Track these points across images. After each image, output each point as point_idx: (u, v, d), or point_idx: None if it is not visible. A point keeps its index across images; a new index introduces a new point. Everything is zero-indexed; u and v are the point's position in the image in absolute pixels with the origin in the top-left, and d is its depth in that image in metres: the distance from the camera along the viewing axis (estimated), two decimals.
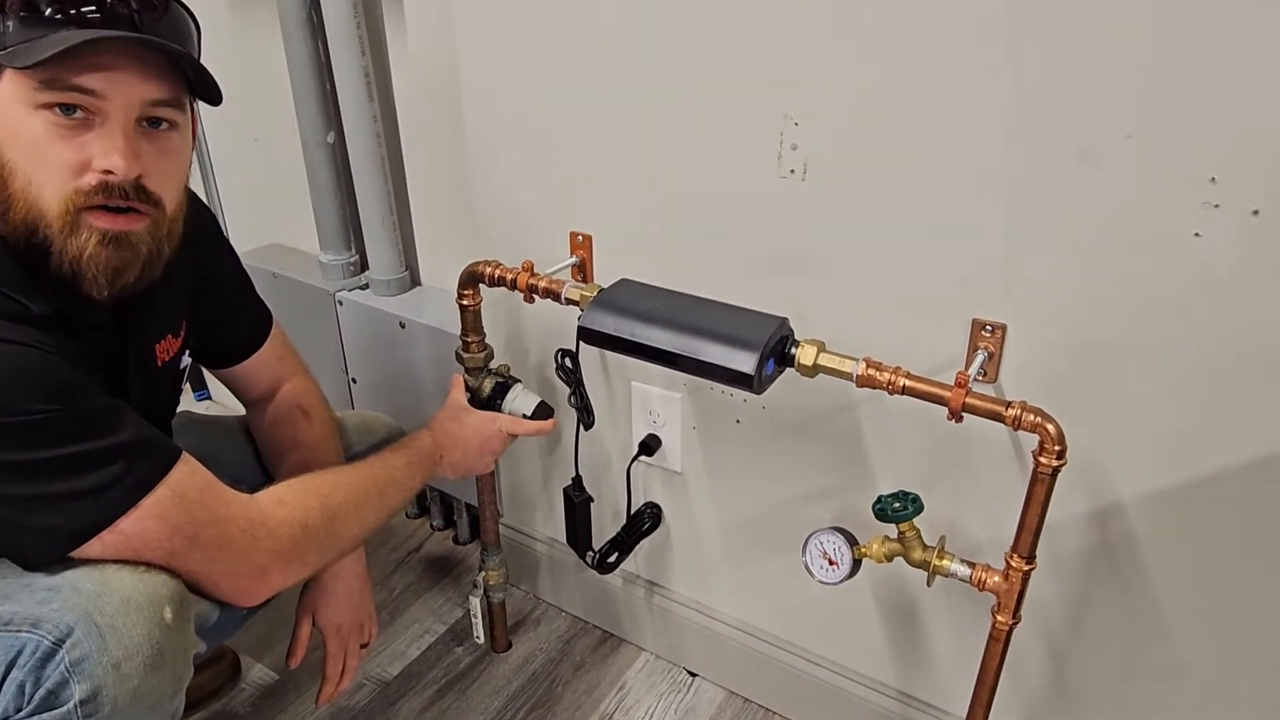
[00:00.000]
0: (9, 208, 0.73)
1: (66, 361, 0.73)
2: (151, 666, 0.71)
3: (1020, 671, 1.01)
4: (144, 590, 0.72)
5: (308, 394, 1.11)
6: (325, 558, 0.88)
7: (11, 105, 0.72)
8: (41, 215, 0.73)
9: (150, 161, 0.76)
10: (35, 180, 0.72)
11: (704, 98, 0.95)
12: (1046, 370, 0.86)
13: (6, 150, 0.73)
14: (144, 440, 0.75)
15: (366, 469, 0.94)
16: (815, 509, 1.09)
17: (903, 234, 0.89)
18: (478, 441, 1.07)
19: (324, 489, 0.88)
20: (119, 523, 0.72)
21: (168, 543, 0.74)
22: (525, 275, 1.04)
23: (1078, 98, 0.76)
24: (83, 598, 0.69)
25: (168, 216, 0.79)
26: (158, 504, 0.73)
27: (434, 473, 1.03)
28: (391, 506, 0.95)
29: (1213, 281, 0.76)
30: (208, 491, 0.78)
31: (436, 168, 1.39)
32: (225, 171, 1.73)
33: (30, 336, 0.71)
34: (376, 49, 1.34)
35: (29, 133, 0.72)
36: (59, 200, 0.73)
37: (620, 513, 1.26)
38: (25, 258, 0.74)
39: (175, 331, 0.96)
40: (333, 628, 1.04)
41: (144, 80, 0.74)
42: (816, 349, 0.86)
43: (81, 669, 0.68)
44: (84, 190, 0.73)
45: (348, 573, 1.05)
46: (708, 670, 1.31)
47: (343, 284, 1.49)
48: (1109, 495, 0.88)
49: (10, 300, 0.73)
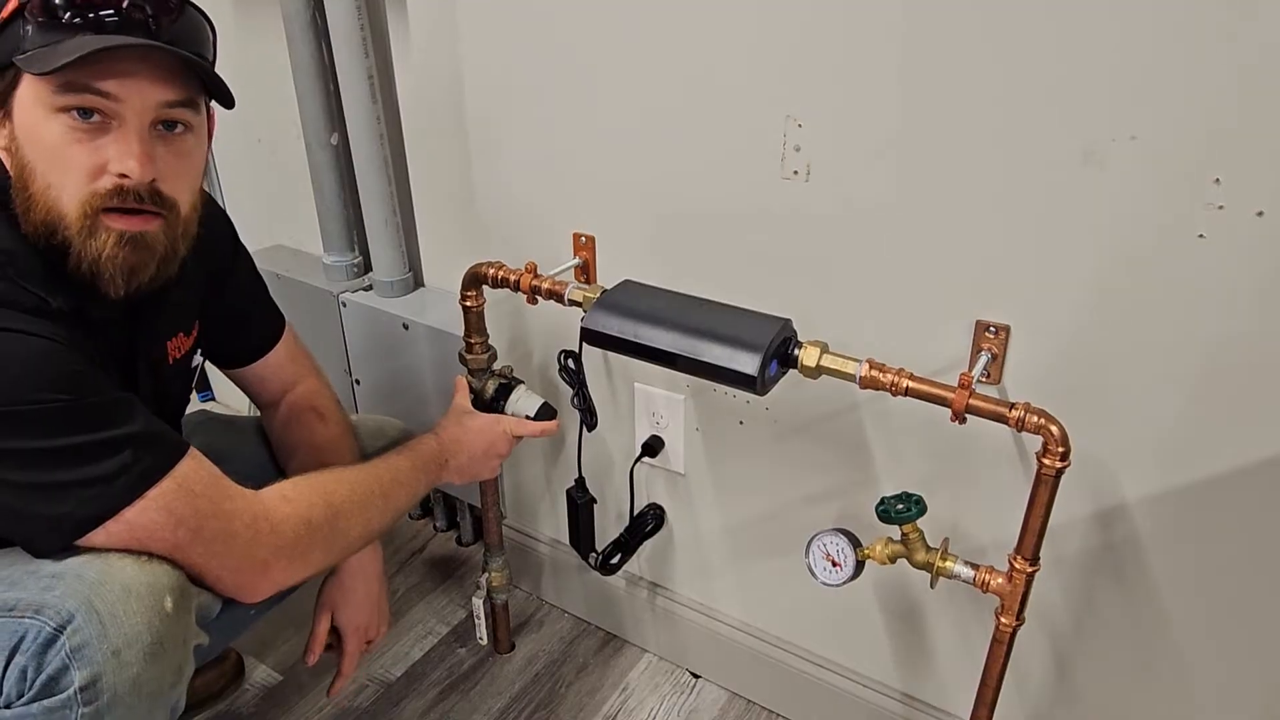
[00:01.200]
0: (30, 208, 0.75)
1: (81, 355, 0.74)
2: (151, 655, 0.71)
3: (1024, 673, 1.01)
4: (145, 579, 0.72)
5: (321, 396, 1.11)
6: (328, 556, 0.88)
7: (31, 108, 0.73)
8: (61, 217, 0.74)
9: (164, 165, 0.77)
10: (54, 183, 0.74)
11: (707, 99, 0.95)
12: (1050, 372, 0.86)
13: (27, 152, 0.74)
14: (152, 433, 0.76)
15: (371, 469, 0.95)
16: (818, 510, 1.09)
17: (906, 235, 0.89)
18: (483, 445, 1.07)
19: (328, 487, 0.88)
20: (124, 512, 0.73)
21: (172, 535, 0.75)
22: (528, 277, 1.04)
23: (1082, 99, 0.76)
24: (85, 585, 0.70)
25: (182, 217, 0.80)
26: (163, 495, 0.74)
27: (440, 477, 1.03)
28: (397, 508, 0.95)
29: (1217, 283, 0.76)
30: (213, 486, 0.78)
31: (439, 169, 1.39)
32: (229, 173, 1.73)
33: (47, 329, 0.72)
34: (380, 51, 1.35)
35: (48, 136, 0.73)
36: (77, 203, 0.74)
37: (623, 514, 1.26)
38: (46, 255, 0.76)
39: (187, 330, 0.97)
40: (352, 627, 1.05)
41: (159, 84, 0.75)
42: (819, 350, 0.86)
43: (81, 655, 0.68)
44: (100, 193, 0.74)
45: (367, 573, 1.06)
46: (711, 672, 1.31)
47: (346, 285, 1.50)
48: (1113, 497, 0.88)
49: (29, 293, 0.74)
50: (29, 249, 0.76)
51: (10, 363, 0.70)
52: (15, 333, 0.71)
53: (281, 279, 1.53)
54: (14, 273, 0.74)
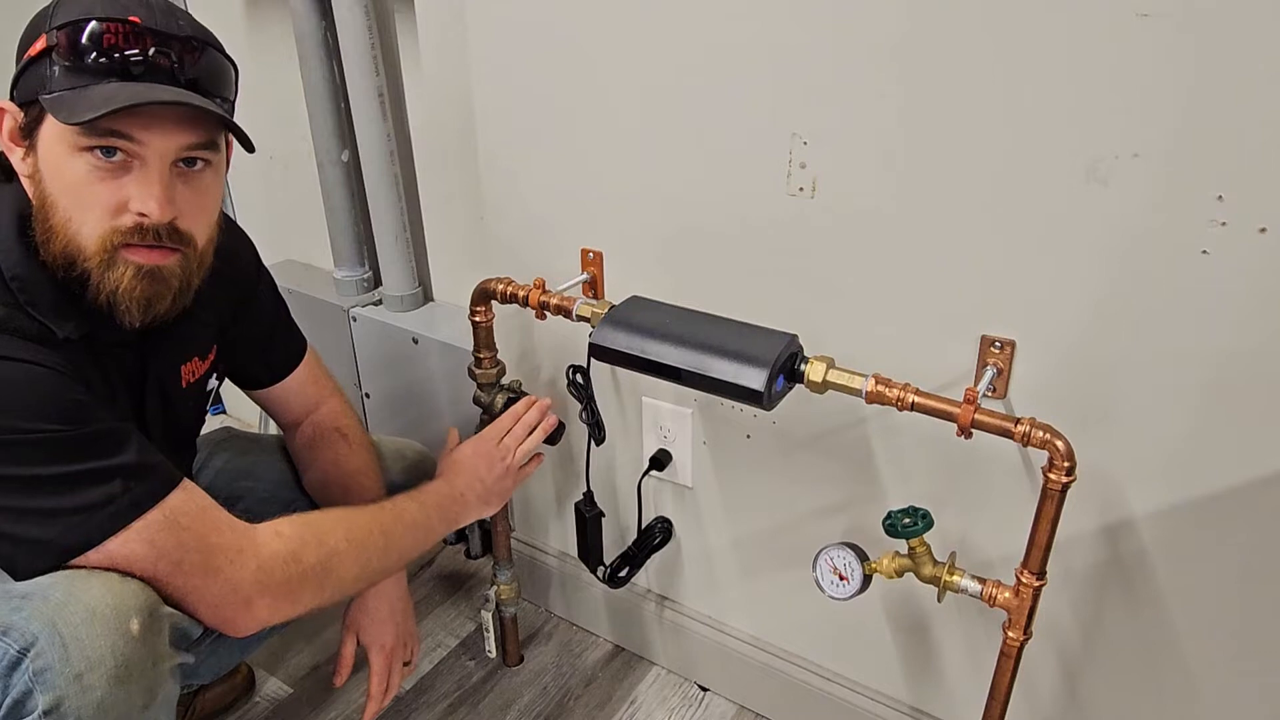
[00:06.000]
0: (50, 238, 0.76)
1: (81, 383, 0.75)
2: (116, 679, 0.71)
3: (1032, 688, 1.01)
4: (110, 601, 0.72)
5: (344, 417, 1.12)
6: (319, 597, 0.85)
7: (55, 146, 0.75)
8: (80, 250, 0.76)
9: (184, 202, 0.78)
10: (75, 218, 0.75)
11: (714, 116, 0.96)
12: (1056, 386, 0.87)
13: (49, 186, 0.76)
14: (144, 464, 0.76)
15: (374, 511, 0.93)
16: (825, 524, 1.09)
17: (911, 250, 0.90)
18: (484, 462, 1.05)
19: (324, 527, 0.87)
20: (107, 543, 0.73)
21: (152, 566, 0.75)
22: (537, 292, 1.05)
23: (1085, 116, 0.76)
24: (50, 607, 0.70)
25: (199, 251, 0.82)
26: (148, 528, 0.74)
27: (460, 510, 1.02)
28: (401, 550, 0.94)
29: (1220, 298, 0.76)
30: (201, 519, 0.78)
31: (449, 185, 1.40)
32: (241, 189, 1.75)
33: (46, 357, 0.74)
34: (390, 69, 1.36)
35: (71, 174, 0.74)
36: (97, 237, 0.76)
37: (631, 527, 1.26)
38: (63, 282, 0.77)
39: (203, 355, 0.98)
40: (377, 646, 1.04)
41: (181, 129, 0.76)
42: (826, 365, 0.86)
43: (44, 679, 0.68)
44: (121, 230, 0.76)
45: (389, 593, 1.05)
46: (719, 685, 1.31)
47: (356, 300, 1.51)
48: (1120, 511, 0.88)
49: (33, 321, 0.76)
50: (44, 276, 0.77)
51: (7, 390, 0.71)
52: (15, 361, 0.72)
53: (292, 294, 1.54)
54: (25, 299, 0.76)
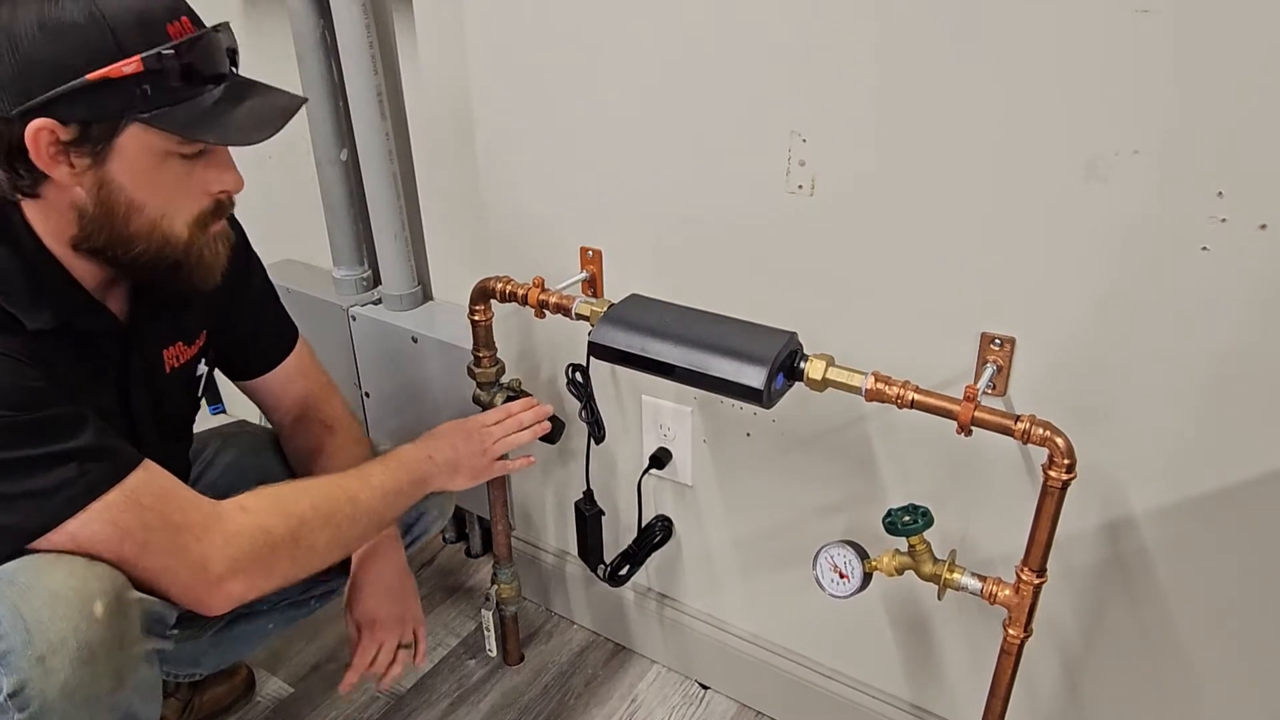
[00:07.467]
0: (131, 242, 0.79)
1: (42, 370, 0.75)
2: (79, 660, 0.71)
3: (1033, 685, 1.01)
4: (73, 584, 0.72)
5: (333, 409, 1.11)
6: (293, 568, 0.86)
7: (143, 156, 0.76)
8: (168, 240, 0.81)
9: None
10: (168, 213, 0.80)
11: (713, 114, 0.96)
12: (1055, 384, 0.87)
13: (134, 193, 0.77)
14: (101, 447, 0.76)
15: (338, 478, 0.93)
16: (826, 522, 1.09)
17: (911, 248, 0.90)
18: (462, 435, 1.04)
19: (289, 497, 0.87)
20: (66, 524, 0.73)
21: (117, 547, 0.75)
22: (536, 291, 1.05)
23: (1085, 113, 0.76)
24: (14, 591, 0.71)
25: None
26: (108, 508, 0.75)
27: (426, 470, 0.99)
28: (371, 513, 0.93)
29: (1221, 295, 0.76)
30: (164, 498, 0.79)
31: (448, 184, 1.40)
32: None
33: (7, 345, 0.74)
34: (389, 68, 1.36)
35: (162, 177, 0.78)
36: (188, 225, 0.82)
37: (631, 526, 1.26)
38: (40, 270, 0.78)
39: (189, 340, 0.97)
40: (366, 619, 1.03)
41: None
42: (825, 363, 0.86)
43: (7, 662, 0.69)
44: (208, 212, 0.83)
45: (381, 562, 1.04)
46: (719, 683, 1.31)
47: (355, 299, 1.51)
48: (1120, 508, 0.88)
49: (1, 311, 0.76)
50: (22, 266, 0.77)
51: None
52: None
53: (291, 293, 1.54)
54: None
